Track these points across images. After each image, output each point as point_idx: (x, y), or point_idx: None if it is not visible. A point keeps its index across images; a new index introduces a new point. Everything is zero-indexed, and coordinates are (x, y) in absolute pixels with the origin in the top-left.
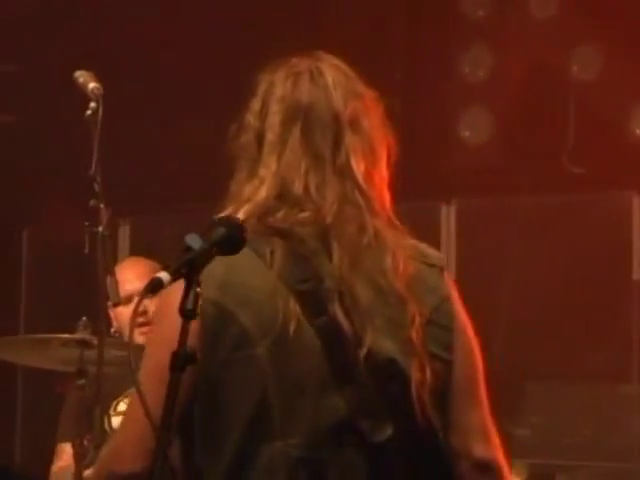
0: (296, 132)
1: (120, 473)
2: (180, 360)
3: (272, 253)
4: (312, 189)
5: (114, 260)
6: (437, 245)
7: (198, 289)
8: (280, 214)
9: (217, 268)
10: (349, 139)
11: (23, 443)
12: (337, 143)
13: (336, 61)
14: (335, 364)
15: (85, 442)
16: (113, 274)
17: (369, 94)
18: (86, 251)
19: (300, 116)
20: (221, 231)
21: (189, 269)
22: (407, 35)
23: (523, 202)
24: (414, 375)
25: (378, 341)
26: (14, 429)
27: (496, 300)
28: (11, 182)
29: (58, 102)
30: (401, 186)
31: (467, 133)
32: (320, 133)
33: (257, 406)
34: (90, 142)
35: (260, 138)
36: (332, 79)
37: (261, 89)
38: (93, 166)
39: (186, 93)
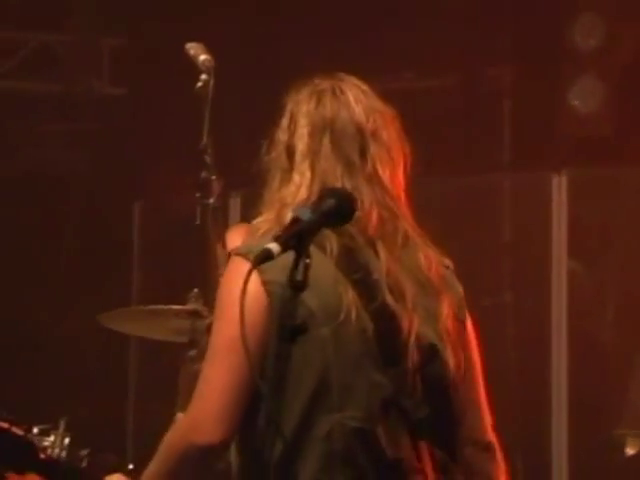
0: (326, 142)
1: (200, 445)
2: (288, 332)
3: (330, 245)
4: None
5: (225, 232)
6: (549, 215)
7: (307, 260)
8: None
9: (285, 256)
10: (373, 149)
11: (136, 414)
12: (363, 152)
13: (356, 81)
14: (384, 347)
15: None
16: (224, 245)
17: (387, 110)
18: (197, 223)
19: (327, 128)
20: (330, 202)
21: (298, 240)
22: (517, 3)
23: (634, 171)
24: (450, 360)
25: (421, 328)
26: (127, 400)
27: (606, 271)
28: (122, 155)
29: (169, 74)
30: (512, 157)
31: (577, 102)
32: (347, 143)
33: (319, 381)
34: (201, 114)
35: (290, 150)
36: (353, 96)
37: (288, 107)
38: (204, 138)
39: (298, 65)
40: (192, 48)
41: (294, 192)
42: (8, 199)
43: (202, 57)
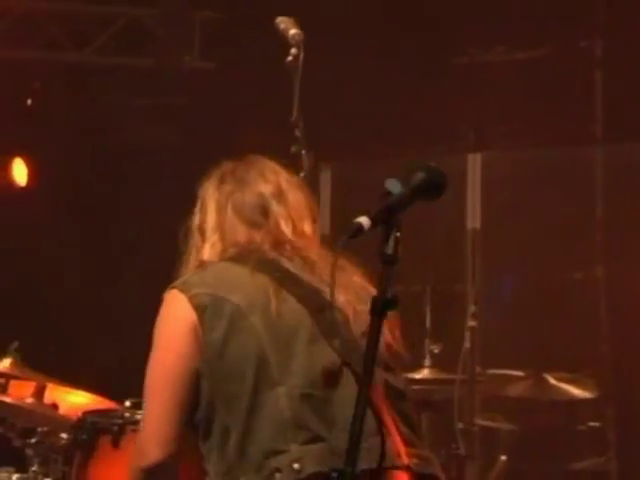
0: (230, 213)
1: (144, 467)
2: (380, 305)
3: (248, 259)
4: (257, 237)
5: (316, 205)
6: None
7: (398, 234)
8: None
9: (207, 276)
10: (276, 209)
11: None
12: (265, 213)
13: (261, 158)
14: (319, 322)
15: None
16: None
17: (292, 177)
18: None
19: (229, 201)
20: (421, 176)
21: (389, 214)
22: None
23: None
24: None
25: (341, 297)
26: None
27: None
28: (212, 129)
29: (259, 48)
30: (605, 129)
31: None
32: (249, 208)
33: (258, 363)
34: (291, 88)
35: (202, 229)
36: (255, 170)
37: (199, 194)
38: (294, 112)
39: (388, 38)
40: (282, 22)
41: (206, 254)
42: (99, 172)
43: (292, 31)
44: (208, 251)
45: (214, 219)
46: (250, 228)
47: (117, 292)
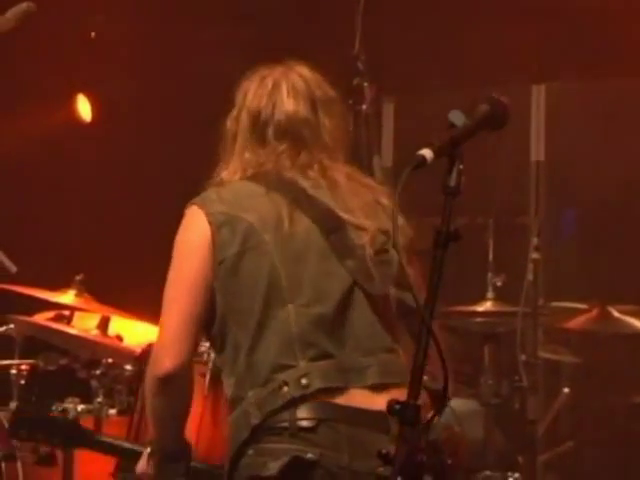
0: (258, 136)
1: (159, 375)
2: (444, 237)
3: (265, 179)
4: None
5: (378, 139)
6: None
7: (461, 166)
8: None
9: (224, 193)
10: (306, 135)
11: None
12: (295, 140)
13: (302, 69)
14: (332, 242)
15: None
16: (379, 152)
17: (329, 97)
18: (350, 129)
19: (260, 123)
20: (484, 108)
21: (452, 146)
22: None
23: None
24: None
25: (361, 219)
26: None
27: None
28: (276, 61)
29: None
30: None
31: None
32: (277, 136)
33: (269, 281)
34: (354, 21)
35: (234, 139)
36: (292, 87)
37: (238, 97)
38: (357, 45)
39: None
40: None
41: (230, 173)
42: (162, 102)
43: None
44: (234, 168)
45: (246, 129)
46: (278, 143)
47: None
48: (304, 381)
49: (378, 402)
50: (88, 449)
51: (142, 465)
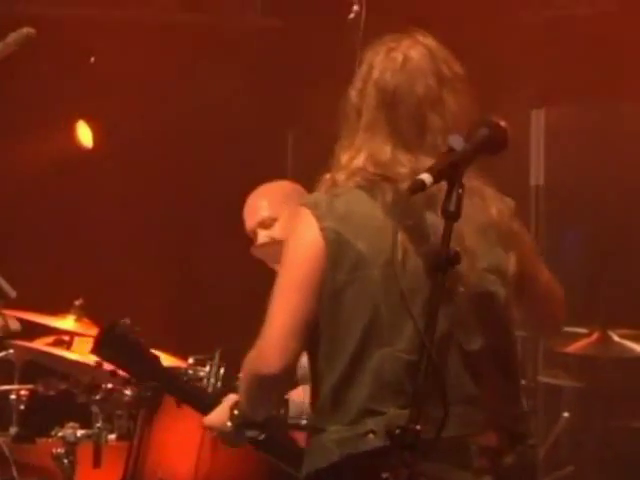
0: (385, 115)
1: (265, 374)
2: (443, 261)
3: (383, 194)
4: (403, 161)
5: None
6: None
7: (460, 190)
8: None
9: (338, 203)
10: (432, 121)
11: None
12: (422, 125)
13: (429, 42)
14: (439, 283)
15: None
16: None
17: (457, 74)
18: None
19: (388, 101)
20: (483, 132)
21: (452, 170)
22: None
23: None
24: (501, 293)
25: (475, 265)
26: None
27: None
28: (277, 85)
29: (322, 5)
30: None
31: None
32: (405, 118)
33: (370, 318)
34: (353, 45)
35: (359, 114)
36: (419, 64)
37: (363, 69)
38: (356, 68)
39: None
40: None
41: (352, 156)
42: (160, 127)
43: None
44: (356, 149)
45: (371, 112)
46: (398, 145)
47: (182, 248)
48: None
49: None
50: (164, 390)
51: (214, 419)
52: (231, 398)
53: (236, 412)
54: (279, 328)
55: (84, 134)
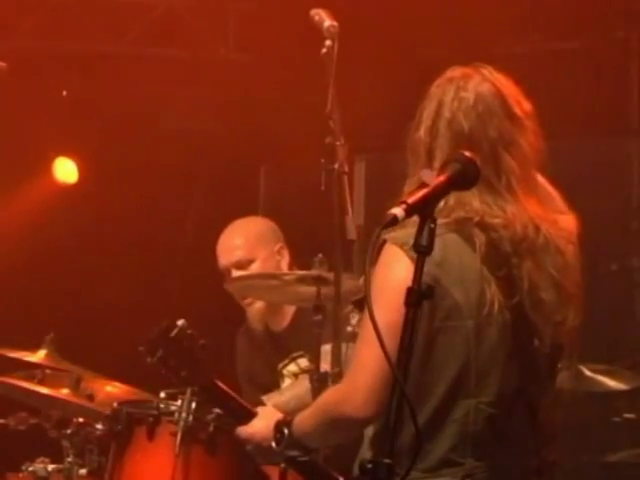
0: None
1: (349, 416)
2: (415, 296)
3: (479, 240)
4: (492, 206)
5: (350, 197)
6: None
7: (432, 225)
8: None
9: (436, 247)
10: (507, 162)
11: None
12: (497, 167)
13: (497, 78)
14: (518, 339)
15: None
16: (348, 211)
17: (525, 112)
18: (322, 188)
19: (463, 143)
20: (456, 167)
21: (424, 205)
22: None
23: None
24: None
25: (552, 328)
26: None
27: None
28: (249, 120)
29: (294, 40)
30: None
31: None
32: (482, 160)
33: (461, 369)
34: (326, 80)
35: (430, 153)
36: (490, 105)
37: (431, 107)
38: (329, 104)
39: (422, 30)
40: (317, 14)
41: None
42: (133, 161)
43: (327, 23)
44: None
45: (445, 153)
46: (481, 186)
47: (154, 284)
48: None
49: None
50: (205, 397)
51: (254, 433)
52: (271, 413)
53: (286, 432)
54: (372, 375)
55: (62, 170)
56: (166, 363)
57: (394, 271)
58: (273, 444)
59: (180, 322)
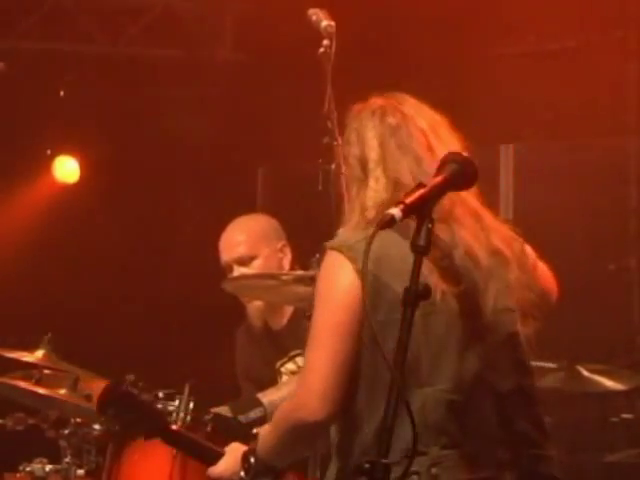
0: (394, 147)
1: (307, 421)
2: (413, 296)
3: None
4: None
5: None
6: None
7: (429, 225)
8: None
9: (373, 245)
10: (436, 145)
11: None
12: (429, 148)
13: (407, 97)
14: (470, 326)
15: None
16: (345, 212)
17: (438, 115)
18: (320, 188)
19: (393, 135)
20: (453, 167)
21: (421, 205)
22: None
23: None
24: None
25: (500, 299)
26: None
27: None
28: (247, 120)
29: (291, 40)
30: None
31: None
32: (413, 143)
33: (410, 359)
34: (323, 80)
35: (363, 161)
36: (409, 109)
37: (353, 126)
38: (326, 104)
39: (416, 29)
40: (314, 14)
41: (373, 196)
42: (131, 162)
43: (324, 23)
44: (372, 187)
45: (377, 152)
46: (415, 165)
47: (152, 283)
48: (434, 470)
49: None
50: (169, 445)
51: (222, 469)
52: (237, 448)
53: (252, 460)
54: (321, 375)
55: (62, 169)
56: (121, 420)
57: (336, 275)
58: (242, 474)
59: (129, 377)
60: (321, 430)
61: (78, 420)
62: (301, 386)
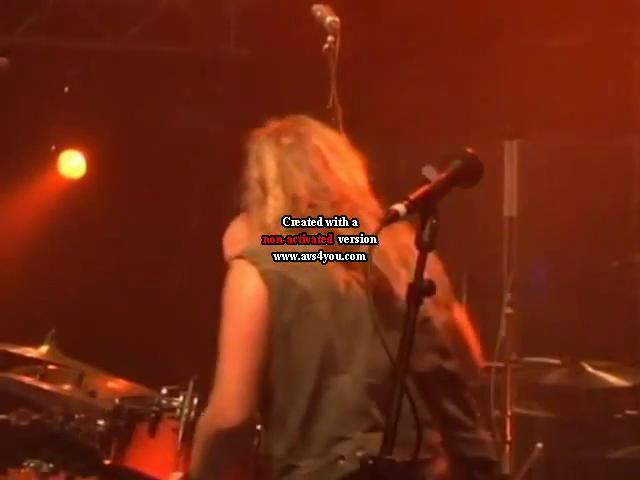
0: (291, 165)
1: (224, 429)
2: (417, 292)
3: None
4: (319, 193)
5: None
6: None
7: (434, 221)
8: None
9: (275, 247)
10: (333, 161)
11: None
12: (325, 165)
13: (305, 118)
14: (381, 313)
15: None
16: None
17: (336, 133)
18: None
19: (289, 155)
20: (457, 163)
21: (425, 201)
22: None
23: None
24: (439, 317)
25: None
26: None
27: None
28: (251, 116)
29: (295, 35)
30: None
31: None
32: (310, 158)
33: (323, 348)
34: (328, 75)
35: (262, 182)
36: (306, 127)
37: (252, 150)
38: (331, 99)
39: (417, 19)
40: (319, 10)
41: (272, 213)
42: (136, 157)
43: (329, 19)
44: (272, 204)
45: (274, 171)
46: (312, 180)
47: (158, 280)
48: (359, 453)
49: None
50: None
51: None
52: (174, 476)
53: None
54: (233, 382)
55: (67, 165)
56: (52, 460)
57: (236, 282)
58: None
59: (59, 418)
60: (238, 436)
61: (82, 416)
62: (215, 397)
